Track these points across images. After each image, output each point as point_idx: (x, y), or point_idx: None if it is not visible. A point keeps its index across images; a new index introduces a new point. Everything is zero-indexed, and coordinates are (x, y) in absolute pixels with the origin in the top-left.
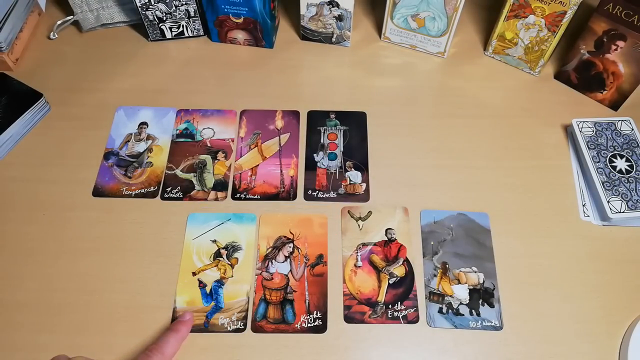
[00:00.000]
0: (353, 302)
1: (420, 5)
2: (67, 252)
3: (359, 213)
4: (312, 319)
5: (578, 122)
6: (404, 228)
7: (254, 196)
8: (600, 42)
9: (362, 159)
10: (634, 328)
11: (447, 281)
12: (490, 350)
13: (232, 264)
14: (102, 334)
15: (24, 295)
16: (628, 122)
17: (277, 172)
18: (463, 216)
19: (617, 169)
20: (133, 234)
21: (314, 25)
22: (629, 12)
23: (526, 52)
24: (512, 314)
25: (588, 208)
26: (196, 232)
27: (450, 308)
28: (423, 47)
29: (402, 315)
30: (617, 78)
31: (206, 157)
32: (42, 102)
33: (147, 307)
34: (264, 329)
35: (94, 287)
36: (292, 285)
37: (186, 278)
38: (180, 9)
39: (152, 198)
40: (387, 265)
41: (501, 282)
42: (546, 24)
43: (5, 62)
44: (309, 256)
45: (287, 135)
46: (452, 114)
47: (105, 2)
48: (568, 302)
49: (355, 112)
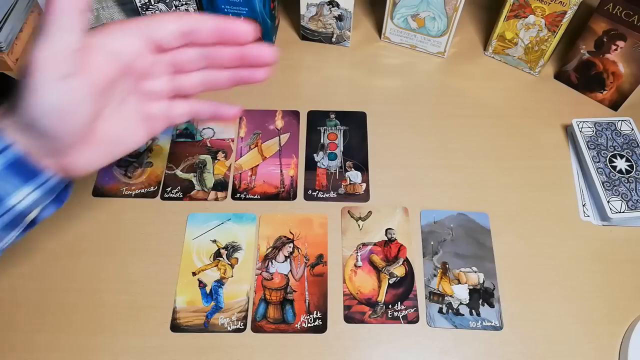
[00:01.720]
0: (353, 302)
1: (420, 5)
2: (67, 252)
3: (359, 213)
4: (312, 319)
5: (578, 122)
6: (404, 228)
7: (254, 196)
8: (600, 42)
9: (362, 159)
10: (634, 328)
11: (447, 281)
12: (490, 350)
13: (232, 264)
14: (102, 334)
15: (24, 295)
16: (628, 122)
17: (277, 172)
18: (463, 216)
19: (617, 169)
20: (133, 234)
21: (314, 25)
22: (629, 12)
23: (526, 52)
24: (512, 314)
25: (588, 208)
26: (196, 232)
27: (450, 308)
28: (423, 47)
29: (402, 315)
30: (617, 78)
31: (206, 157)
32: None
33: (147, 307)
34: (264, 329)
35: (94, 287)
36: (292, 285)
37: (186, 278)
38: (180, 9)
39: (152, 198)
40: (387, 265)
41: (501, 282)
42: (546, 24)
43: (5, 62)
44: (309, 256)
45: (287, 135)
46: (452, 114)
47: (105, 2)
48: (568, 302)
49: (355, 112)
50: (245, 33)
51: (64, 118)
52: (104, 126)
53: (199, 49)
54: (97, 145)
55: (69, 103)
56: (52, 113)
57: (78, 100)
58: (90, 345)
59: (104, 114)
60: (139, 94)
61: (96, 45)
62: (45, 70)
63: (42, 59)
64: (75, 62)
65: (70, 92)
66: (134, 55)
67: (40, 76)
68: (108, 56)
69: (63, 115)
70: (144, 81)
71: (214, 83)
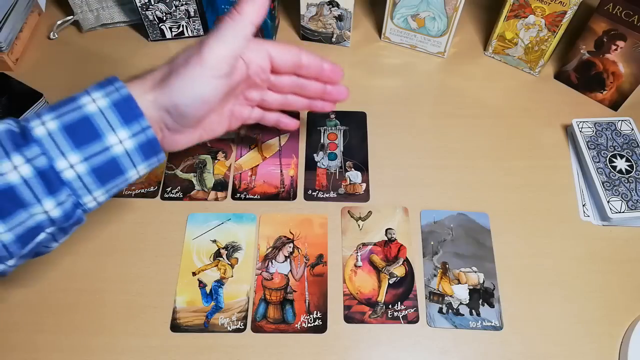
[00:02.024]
0: (353, 302)
1: (420, 5)
2: (67, 252)
3: (359, 213)
4: (312, 319)
5: (578, 122)
6: (404, 228)
7: (254, 196)
8: (600, 42)
9: (362, 159)
10: (634, 328)
11: (447, 281)
12: (490, 350)
13: (232, 264)
14: (102, 334)
15: (24, 295)
16: (628, 122)
17: (277, 172)
18: (463, 216)
19: (617, 169)
20: (133, 234)
21: (314, 25)
22: (629, 12)
23: (526, 52)
24: (512, 314)
25: (588, 208)
26: (196, 232)
27: (450, 308)
28: (423, 47)
29: (402, 315)
30: (617, 78)
31: (206, 157)
32: (42, 102)
33: (147, 307)
34: (264, 329)
35: (94, 287)
36: (292, 285)
37: (186, 278)
38: (180, 9)
39: (152, 198)
40: (387, 265)
41: (501, 282)
42: (546, 24)
43: (5, 62)
44: (309, 256)
45: (287, 135)
46: (452, 114)
47: (105, 2)
48: (568, 302)
49: (355, 112)
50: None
51: (202, 106)
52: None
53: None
54: (198, 130)
55: (214, 96)
56: (198, 102)
57: (219, 94)
58: (90, 345)
59: None
60: (240, 97)
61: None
62: (211, 67)
63: (213, 57)
64: (232, 64)
65: (218, 87)
66: (258, 69)
67: (204, 71)
68: (243, 63)
69: (203, 104)
70: (249, 89)
71: (291, 105)
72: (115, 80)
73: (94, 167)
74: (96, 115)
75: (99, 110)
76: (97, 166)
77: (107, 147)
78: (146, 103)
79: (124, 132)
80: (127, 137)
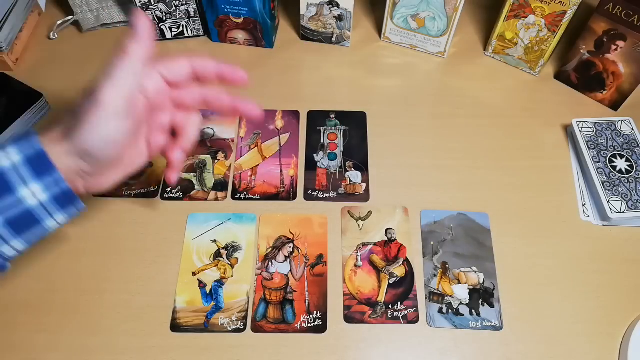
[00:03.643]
0: (353, 302)
1: (420, 5)
2: (67, 252)
3: (359, 213)
4: (312, 319)
5: (578, 122)
6: (404, 228)
7: (254, 196)
8: (600, 42)
9: (362, 159)
10: (634, 328)
11: (447, 281)
12: (490, 350)
13: (232, 264)
14: (102, 334)
15: (24, 295)
16: (628, 122)
17: (277, 172)
18: (463, 216)
19: (617, 169)
20: (133, 234)
21: (314, 25)
22: (629, 12)
23: (526, 52)
24: (512, 314)
25: (588, 208)
26: (196, 232)
27: (450, 308)
28: (423, 47)
29: (402, 315)
30: (617, 78)
31: (206, 157)
32: (42, 102)
33: (147, 307)
34: (264, 329)
35: (94, 287)
36: (292, 285)
37: (186, 278)
38: (180, 9)
39: (152, 198)
40: (387, 265)
41: (501, 282)
42: (546, 24)
43: (5, 62)
44: (309, 256)
45: (287, 135)
46: (452, 114)
47: (105, 2)
48: (568, 302)
49: (355, 112)
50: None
51: (113, 147)
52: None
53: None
54: (120, 167)
55: (120, 134)
56: (106, 144)
57: (125, 132)
58: (90, 345)
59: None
60: (152, 125)
61: None
62: (109, 108)
63: (108, 99)
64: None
65: (121, 126)
66: (154, 93)
67: (104, 113)
68: (140, 96)
69: (113, 145)
70: (157, 115)
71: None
72: (33, 135)
73: (7, 219)
74: (8, 170)
75: (13, 165)
76: (12, 218)
77: (20, 200)
78: (59, 155)
79: (36, 186)
80: (40, 190)
